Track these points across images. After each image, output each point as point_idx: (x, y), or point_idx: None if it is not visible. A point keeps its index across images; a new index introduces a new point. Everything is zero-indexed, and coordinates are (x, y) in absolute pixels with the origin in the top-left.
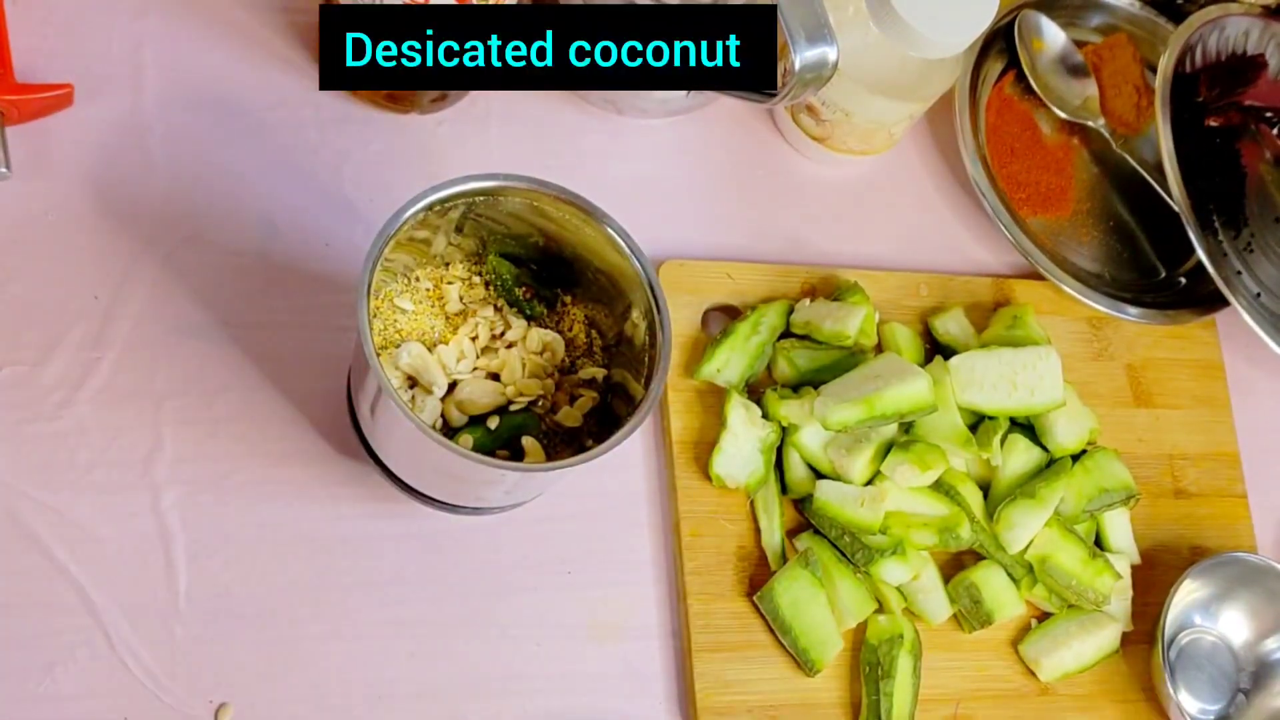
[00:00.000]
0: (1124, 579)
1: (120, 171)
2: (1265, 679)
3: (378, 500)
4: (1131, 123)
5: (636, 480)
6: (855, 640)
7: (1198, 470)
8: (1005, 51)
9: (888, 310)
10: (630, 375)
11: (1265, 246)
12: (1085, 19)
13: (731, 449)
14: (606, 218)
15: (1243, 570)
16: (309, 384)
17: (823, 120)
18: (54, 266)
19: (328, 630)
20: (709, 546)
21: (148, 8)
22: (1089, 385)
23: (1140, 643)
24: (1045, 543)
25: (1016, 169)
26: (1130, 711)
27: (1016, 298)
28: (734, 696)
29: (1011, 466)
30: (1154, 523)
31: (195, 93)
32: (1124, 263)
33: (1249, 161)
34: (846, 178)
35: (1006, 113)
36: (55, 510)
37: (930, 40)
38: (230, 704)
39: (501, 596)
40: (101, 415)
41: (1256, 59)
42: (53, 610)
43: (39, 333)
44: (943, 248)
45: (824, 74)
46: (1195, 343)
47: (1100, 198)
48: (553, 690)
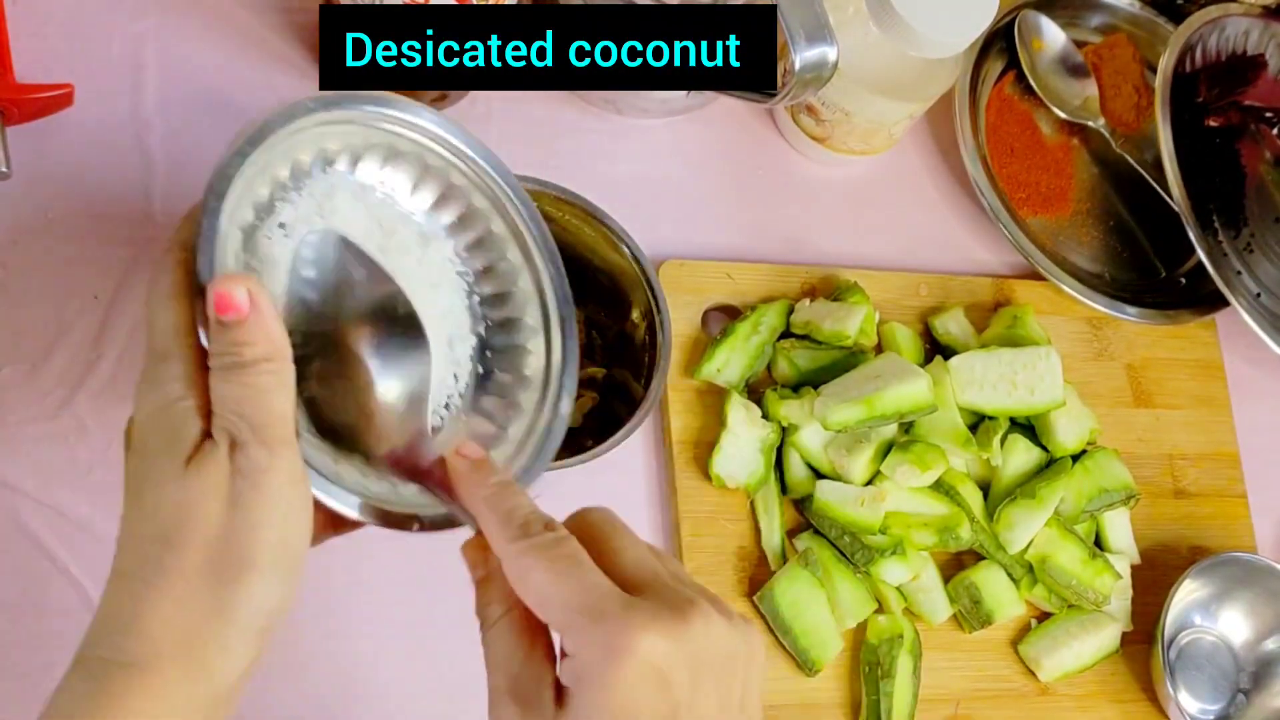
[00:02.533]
0: (1124, 579)
1: (121, 171)
2: (1265, 679)
3: None
4: (1131, 123)
5: (636, 480)
6: (855, 640)
7: (1198, 470)
8: (1005, 51)
9: (888, 310)
10: (630, 375)
11: (1265, 246)
12: (1085, 19)
13: (731, 449)
14: (606, 218)
15: (1243, 570)
16: None
17: (823, 120)
18: (54, 266)
19: (328, 630)
20: (709, 546)
21: (148, 8)
22: (1089, 385)
23: (1140, 643)
24: (1045, 543)
25: (1016, 169)
26: (1130, 711)
27: (1016, 298)
28: None
29: (1011, 466)
30: (1154, 523)
31: (195, 93)
32: (1124, 263)
33: (1249, 161)
34: (846, 178)
35: (1006, 113)
36: (55, 510)
37: (930, 40)
38: None
39: None
40: (101, 415)
41: (1256, 59)
42: (53, 610)
43: (39, 333)
44: (943, 248)
45: (824, 74)
46: (1195, 343)
47: (1100, 198)
48: None
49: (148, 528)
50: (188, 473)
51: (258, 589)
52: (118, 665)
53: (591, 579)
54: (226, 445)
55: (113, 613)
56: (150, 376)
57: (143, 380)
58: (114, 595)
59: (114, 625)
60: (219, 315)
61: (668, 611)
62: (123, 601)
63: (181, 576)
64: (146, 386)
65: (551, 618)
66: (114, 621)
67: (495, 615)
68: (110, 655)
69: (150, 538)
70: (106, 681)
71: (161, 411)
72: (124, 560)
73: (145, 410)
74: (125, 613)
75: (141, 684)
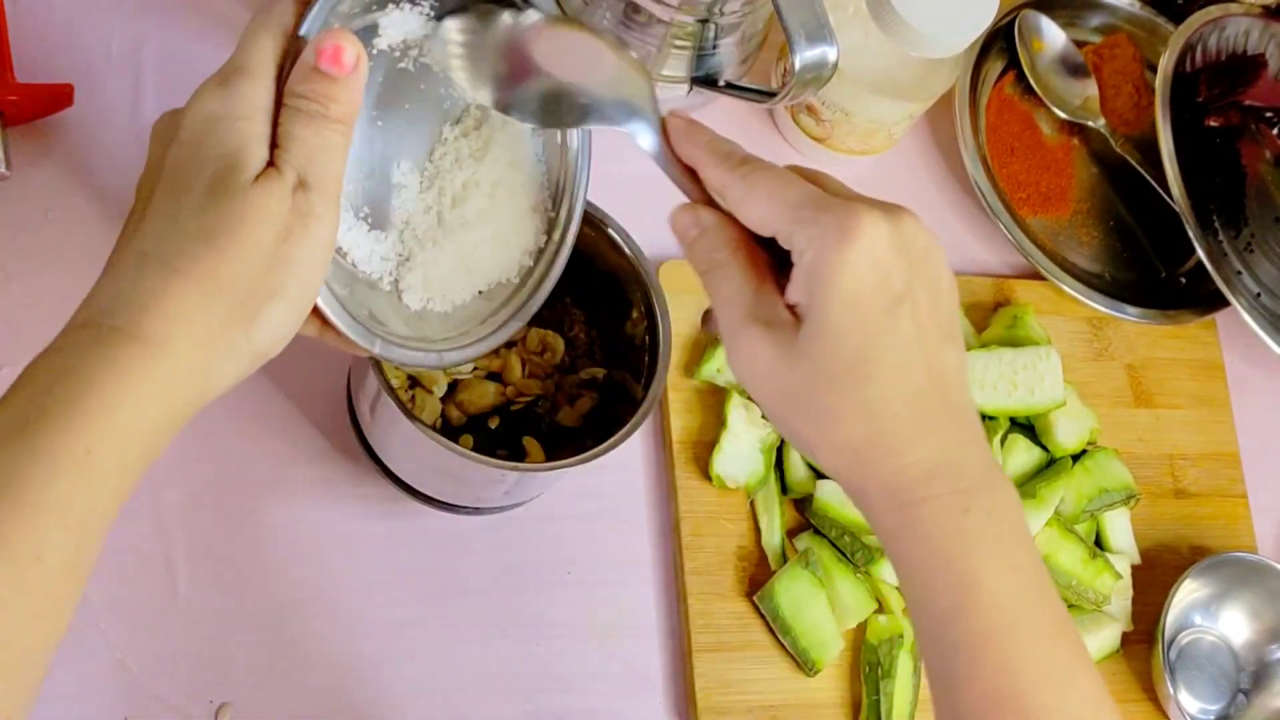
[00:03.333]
0: (1124, 579)
1: (120, 171)
2: (1265, 679)
3: (378, 500)
4: (1131, 123)
5: (636, 480)
6: (855, 640)
7: (1198, 470)
8: (1005, 51)
9: None
10: (630, 375)
11: (1265, 246)
12: (1085, 19)
13: (731, 449)
14: (606, 218)
15: (1243, 570)
16: (309, 384)
17: (823, 120)
18: (54, 266)
19: (328, 630)
20: (709, 546)
21: (147, 7)
22: (1089, 385)
23: (1140, 643)
24: (1045, 543)
25: (1016, 169)
26: (1130, 711)
27: (1016, 298)
28: (734, 696)
29: (1011, 466)
30: (1154, 523)
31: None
32: (1124, 263)
33: (1249, 161)
34: (846, 178)
35: (1006, 113)
36: None
37: (930, 40)
38: (230, 704)
39: (501, 596)
40: None
41: (1256, 59)
42: None
43: (39, 332)
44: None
45: (824, 74)
46: (1195, 343)
47: (1100, 198)
48: (553, 690)
49: (191, 223)
50: (253, 190)
51: (276, 316)
52: (130, 338)
53: (810, 186)
54: (293, 181)
55: (131, 288)
56: (224, 84)
57: (213, 84)
58: (134, 272)
59: (132, 299)
60: (322, 64)
61: (882, 206)
62: (145, 280)
63: (215, 277)
64: (217, 91)
65: (780, 221)
66: (133, 296)
67: (722, 259)
68: (123, 326)
69: (192, 233)
70: (118, 350)
71: (228, 121)
72: (150, 243)
73: (209, 111)
74: (146, 290)
75: (153, 361)
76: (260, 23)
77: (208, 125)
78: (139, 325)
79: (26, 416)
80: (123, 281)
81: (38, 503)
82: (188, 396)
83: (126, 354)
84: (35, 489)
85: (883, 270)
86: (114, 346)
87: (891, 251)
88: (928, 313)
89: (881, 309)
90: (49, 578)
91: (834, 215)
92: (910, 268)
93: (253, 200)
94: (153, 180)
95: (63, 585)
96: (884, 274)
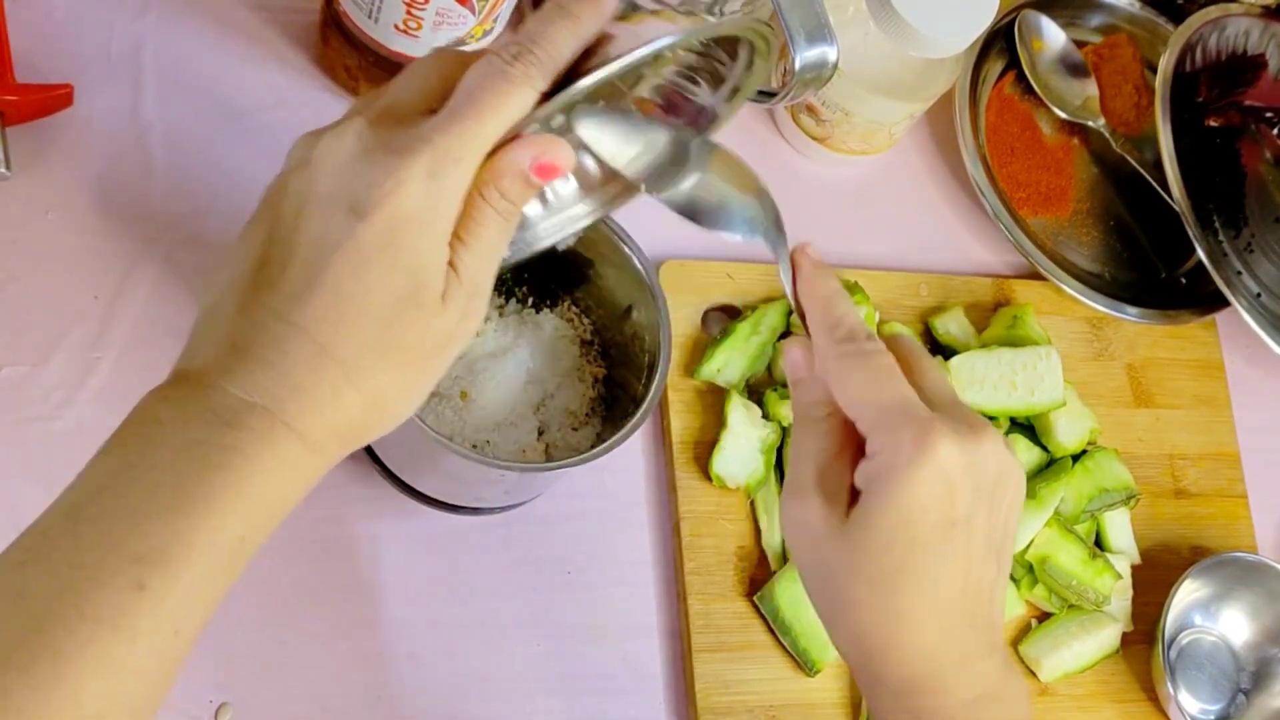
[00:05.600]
0: (1124, 579)
1: (120, 171)
2: (1265, 679)
3: (378, 500)
4: (1131, 123)
5: (636, 480)
6: None
7: (1198, 470)
8: (1005, 51)
9: (888, 310)
10: (630, 375)
11: (1265, 246)
12: (1085, 19)
13: (732, 449)
14: (606, 218)
15: (1243, 570)
16: None
17: (823, 120)
18: (54, 266)
19: (328, 630)
20: (709, 546)
21: (148, 7)
22: (1089, 385)
23: (1140, 643)
24: (1045, 543)
25: (1016, 169)
26: (1130, 711)
27: (1016, 298)
28: (734, 696)
29: None
30: (1154, 523)
31: (195, 93)
32: (1124, 263)
33: (1249, 161)
34: (846, 178)
35: (1006, 113)
36: None
37: (930, 40)
38: (230, 704)
39: (501, 596)
40: (101, 415)
41: (1256, 59)
42: None
43: (39, 333)
44: (943, 248)
45: (824, 74)
46: (1195, 343)
47: (1100, 198)
48: (553, 690)
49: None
50: (442, 313)
51: (405, 413)
52: (299, 438)
53: (903, 388)
54: (470, 291)
55: (307, 385)
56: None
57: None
58: (306, 365)
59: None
60: (535, 173)
61: (964, 426)
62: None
63: (383, 396)
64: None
65: (864, 415)
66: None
67: (819, 414)
68: (294, 423)
69: (372, 343)
70: (288, 448)
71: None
72: (324, 332)
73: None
74: (322, 399)
75: (311, 466)
76: (491, 106)
77: (407, 227)
78: (310, 431)
79: (186, 486)
80: (292, 370)
81: (191, 582)
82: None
83: (294, 454)
84: (190, 569)
85: (946, 496)
86: (284, 444)
87: (960, 478)
88: (982, 533)
89: (935, 530)
90: (180, 650)
91: (912, 431)
92: (975, 494)
93: (437, 326)
94: (320, 234)
95: (184, 654)
96: (947, 499)
